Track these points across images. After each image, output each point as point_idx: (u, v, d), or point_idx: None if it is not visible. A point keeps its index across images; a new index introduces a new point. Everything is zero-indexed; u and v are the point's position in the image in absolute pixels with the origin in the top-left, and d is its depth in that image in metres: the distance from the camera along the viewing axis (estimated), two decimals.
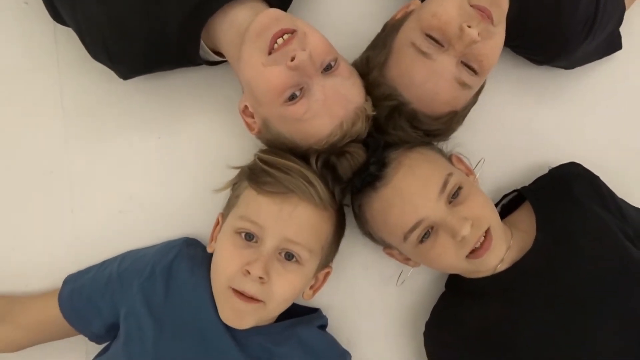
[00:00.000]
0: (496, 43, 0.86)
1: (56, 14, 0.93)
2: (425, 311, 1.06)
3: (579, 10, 0.96)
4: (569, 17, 0.95)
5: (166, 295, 0.93)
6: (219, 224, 0.97)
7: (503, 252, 0.93)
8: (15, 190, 1.06)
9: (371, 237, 1.00)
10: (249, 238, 0.88)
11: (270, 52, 0.82)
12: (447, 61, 0.85)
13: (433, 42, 0.85)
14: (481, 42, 0.83)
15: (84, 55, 0.92)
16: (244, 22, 0.85)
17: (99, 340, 1.00)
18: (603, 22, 1.00)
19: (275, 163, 0.89)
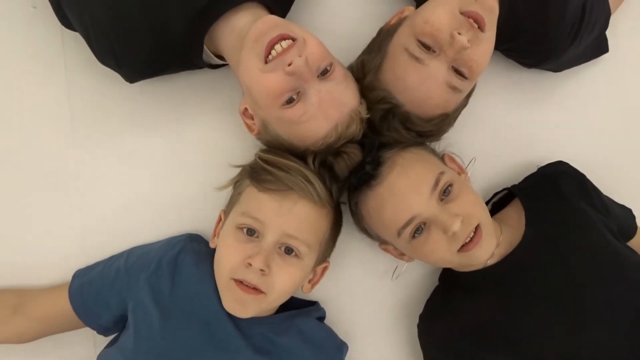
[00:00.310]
0: (485, 49, 0.87)
1: (64, 20, 0.94)
2: (419, 304, 1.07)
3: (566, 16, 0.96)
4: (557, 23, 0.96)
5: (172, 288, 0.94)
6: (221, 220, 0.98)
7: (493, 247, 0.94)
8: (26, 189, 1.06)
9: (367, 233, 1.01)
10: (250, 233, 0.89)
11: (267, 57, 0.82)
12: (439, 66, 0.86)
13: (425, 48, 0.86)
14: (471, 49, 0.84)
15: (91, 59, 0.93)
16: (245, 28, 0.86)
17: (107, 333, 1.01)
18: (589, 27, 1.01)
19: (276, 162, 0.90)
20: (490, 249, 0.94)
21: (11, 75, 1.04)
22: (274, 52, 0.83)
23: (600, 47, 1.11)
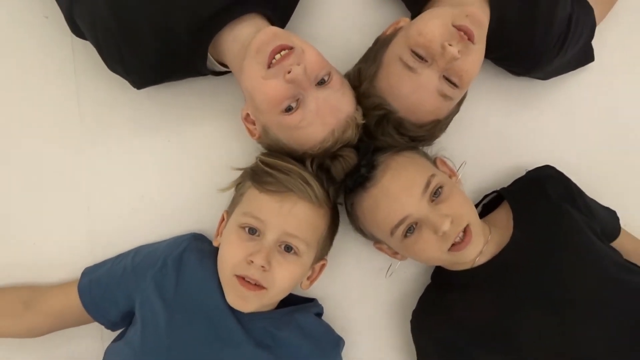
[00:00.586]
0: (475, 60, 0.89)
1: (76, 30, 0.95)
2: (412, 301, 1.09)
3: (553, 28, 0.98)
4: (543, 34, 0.98)
5: (177, 285, 0.96)
6: (224, 220, 1.00)
7: (481, 246, 0.96)
8: (37, 191, 1.08)
9: (362, 233, 1.03)
10: (252, 232, 0.91)
11: (269, 66, 0.84)
12: (431, 75, 0.88)
13: (418, 58, 0.88)
14: (461, 59, 0.86)
15: (100, 66, 0.95)
16: (247, 38, 0.88)
17: (114, 328, 1.03)
18: (575, 38, 1.03)
19: (276, 165, 0.92)
20: (478, 248, 0.95)
21: (24, 80, 1.06)
22: (274, 61, 0.85)
23: (586, 56, 1.13)
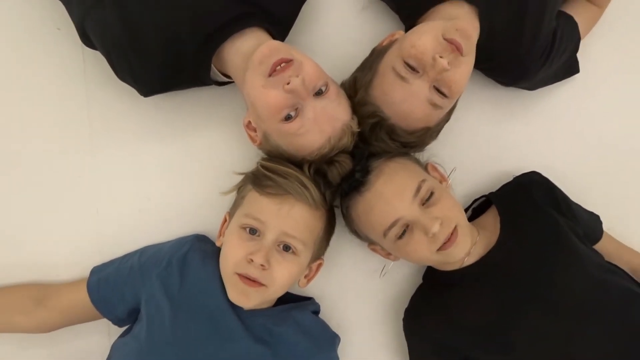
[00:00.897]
0: (464, 71, 0.92)
1: (87, 40, 0.98)
2: (405, 300, 1.12)
3: (539, 41, 1.02)
4: (529, 47, 1.02)
5: (181, 283, 0.99)
6: (226, 221, 1.03)
7: (468, 246, 0.99)
8: (48, 193, 1.11)
9: (357, 235, 1.06)
10: (252, 232, 0.95)
11: (269, 75, 0.87)
12: (422, 85, 0.92)
13: (410, 69, 0.91)
14: (451, 70, 0.89)
15: (109, 75, 0.98)
16: (249, 50, 0.91)
17: (121, 324, 1.06)
18: (559, 51, 1.07)
19: (275, 169, 0.95)
20: (466, 248, 0.99)
21: (36, 88, 1.09)
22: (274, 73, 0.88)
23: (571, 68, 1.17)
